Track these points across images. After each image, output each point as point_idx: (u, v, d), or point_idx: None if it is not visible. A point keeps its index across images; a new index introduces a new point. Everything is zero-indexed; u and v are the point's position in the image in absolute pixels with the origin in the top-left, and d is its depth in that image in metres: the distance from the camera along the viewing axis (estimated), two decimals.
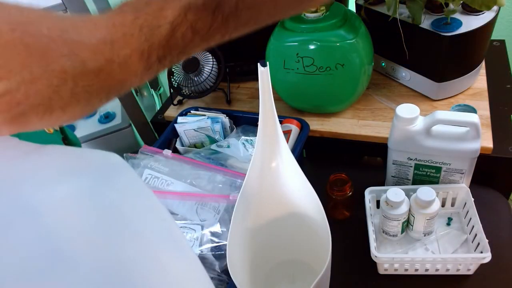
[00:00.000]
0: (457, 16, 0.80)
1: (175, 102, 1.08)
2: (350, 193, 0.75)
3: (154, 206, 0.26)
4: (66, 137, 0.63)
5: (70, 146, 0.34)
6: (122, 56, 0.21)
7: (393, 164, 0.76)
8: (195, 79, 0.98)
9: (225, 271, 0.62)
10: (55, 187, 0.21)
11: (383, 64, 0.98)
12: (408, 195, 0.69)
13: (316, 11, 0.81)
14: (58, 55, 0.19)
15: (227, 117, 0.89)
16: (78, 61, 0.20)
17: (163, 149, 0.81)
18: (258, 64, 0.50)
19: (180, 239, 0.28)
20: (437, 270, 0.67)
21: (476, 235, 0.67)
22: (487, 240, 0.64)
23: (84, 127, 1.23)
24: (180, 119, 0.90)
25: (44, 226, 0.20)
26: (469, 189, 0.72)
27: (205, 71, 0.98)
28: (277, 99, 0.93)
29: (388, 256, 0.67)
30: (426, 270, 0.68)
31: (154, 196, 0.26)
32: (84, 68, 0.20)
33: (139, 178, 0.25)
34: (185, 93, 1.02)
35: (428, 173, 0.74)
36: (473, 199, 0.71)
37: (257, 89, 0.53)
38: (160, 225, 0.26)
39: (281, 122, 0.83)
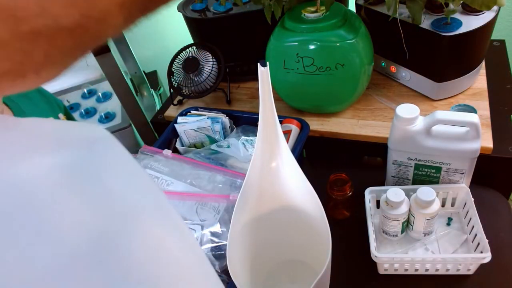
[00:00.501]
0: (457, 16, 0.80)
1: (175, 102, 1.08)
2: (350, 193, 0.75)
3: (149, 187, 0.24)
4: None
5: (51, 119, 0.32)
6: (99, 10, 0.19)
7: (393, 164, 0.76)
8: (195, 79, 0.98)
9: (225, 271, 0.62)
10: (30, 161, 0.19)
11: (383, 64, 0.98)
12: (408, 195, 0.69)
13: (316, 11, 0.81)
14: (29, 14, 0.17)
15: (227, 117, 0.89)
16: (51, 18, 0.18)
17: (163, 149, 0.81)
18: (258, 64, 0.50)
19: (182, 227, 0.26)
20: (437, 270, 0.67)
21: (476, 235, 0.67)
22: (487, 240, 0.64)
23: None
24: (180, 119, 0.90)
25: (18, 204, 0.18)
26: (469, 189, 0.72)
27: (205, 71, 0.98)
28: (277, 99, 0.93)
29: (388, 256, 0.67)
30: (426, 270, 0.68)
31: (147, 175, 0.25)
32: (57, 26, 0.18)
33: (130, 154, 0.23)
34: (185, 93, 1.02)
35: (428, 173, 0.74)
36: (473, 199, 0.71)
37: (257, 89, 0.53)
38: (156, 206, 0.24)
39: (281, 122, 0.83)
